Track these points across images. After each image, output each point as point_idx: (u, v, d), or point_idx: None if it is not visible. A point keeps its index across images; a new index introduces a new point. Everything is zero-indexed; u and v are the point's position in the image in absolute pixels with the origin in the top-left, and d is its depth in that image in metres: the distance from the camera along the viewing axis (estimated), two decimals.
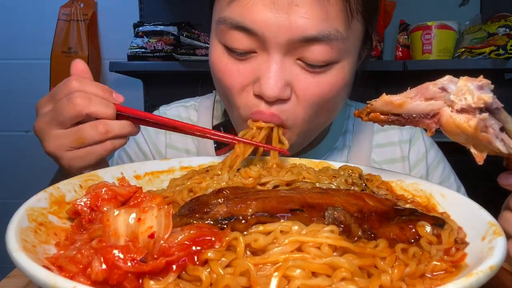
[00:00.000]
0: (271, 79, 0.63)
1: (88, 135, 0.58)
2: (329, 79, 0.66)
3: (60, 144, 0.59)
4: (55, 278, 0.31)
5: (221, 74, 0.68)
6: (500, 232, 0.40)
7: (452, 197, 0.53)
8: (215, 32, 0.69)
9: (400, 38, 1.94)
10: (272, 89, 0.62)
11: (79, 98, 0.58)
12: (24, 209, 0.43)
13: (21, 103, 2.26)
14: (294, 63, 0.65)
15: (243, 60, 0.66)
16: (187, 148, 0.93)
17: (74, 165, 0.60)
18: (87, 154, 0.60)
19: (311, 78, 0.65)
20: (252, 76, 0.66)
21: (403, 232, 0.44)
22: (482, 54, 1.74)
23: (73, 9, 2.13)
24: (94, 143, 0.59)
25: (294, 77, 0.65)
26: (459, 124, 0.45)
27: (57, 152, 0.60)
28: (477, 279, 0.32)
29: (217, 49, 0.69)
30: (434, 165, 0.92)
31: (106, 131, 0.59)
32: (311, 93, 0.65)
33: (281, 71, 0.63)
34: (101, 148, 0.60)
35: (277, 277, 0.34)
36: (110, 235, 0.37)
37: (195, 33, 1.89)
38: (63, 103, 0.58)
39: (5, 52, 2.24)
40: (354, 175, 0.60)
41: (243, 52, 0.65)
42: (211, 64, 0.71)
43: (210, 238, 0.38)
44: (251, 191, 0.48)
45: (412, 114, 0.49)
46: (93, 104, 0.58)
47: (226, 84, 0.68)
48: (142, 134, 0.94)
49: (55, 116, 0.59)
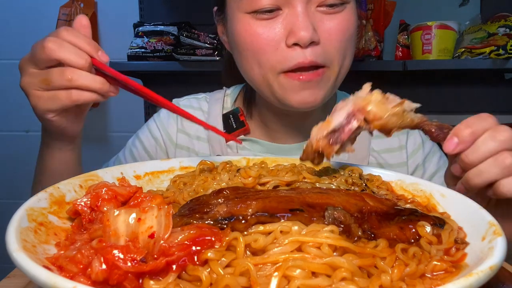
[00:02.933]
0: (301, 24, 0.72)
1: (53, 78, 0.60)
2: (345, 17, 0.77)
3: (30, 82, 0.62)
4: (55, 278, 0.31)
5: (254, 38, 0.76)
6: (500, 232, 0.40)
7: (452, 197, 0.53)
8: (238, 6, 0.77)
9: (400, 38, 1.93)
10: (305, 32, 0.72)
11: (50, 42, 0.60)
12: (24, 209, 0.43)
13: (21, 103, 2.24)
14: (315, 10, 0.75)
15: (270, 19, 0.75)
16: (198, 135, 0.97)
17: (38, 105, 0.63)
18: (51, 97, 0.62)
19: (331, 19, 0.76)
20: (282, 31, 0.75)
21: (403, 232, 0.44)
22: (482, 54, 1.73)
23: (73, 9, 2.13)
24: (59, 88, 0.61)
25: (318, 22, 0.75)
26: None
27: (26, 88, 0.63)
28: (477, 279, 0.32)
29: (244, 20, 0.77)
30: (431, 154, 0.95)
31: (71, 79, 0.60)
32: (334, 31, 0.76)
33: (308, 17, 0.73)
34: (66, 95, 0.61)
35: (277, 277, 0.34)
36: (110, 235, 0.37)
37: (195, 33, 1.89)
38: (38, 45, 0.61)
39: (5, 52, 2.23)
40: (354, 175, 0.60)
41: (270, 10, 0.74)
42: (240, 35, 0.78)
43: (210, 238, 0.38)
44: (251, 191, 0.48)
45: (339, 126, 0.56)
46: (64, 51, 0.60)
47: (260, 45, 0.76)
48: (154, 121, 0.99)
49: (32, 55, 0.63)
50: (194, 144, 0.96)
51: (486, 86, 2.02)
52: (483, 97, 2.05)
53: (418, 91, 2.01)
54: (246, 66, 0.81)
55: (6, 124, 2.28)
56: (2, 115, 2.28)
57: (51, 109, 0.63)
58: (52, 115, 0.64)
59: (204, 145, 0.96)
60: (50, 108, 0.63)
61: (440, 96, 2.04)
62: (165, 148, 0.98)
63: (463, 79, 2.02)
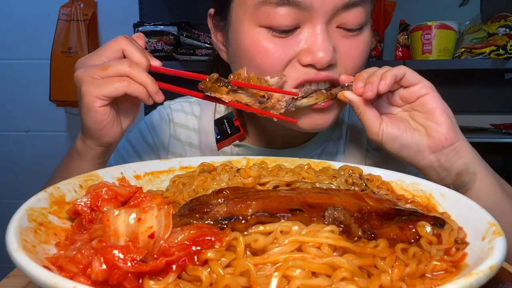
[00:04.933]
0: (321, 45, 0.68)
1: (113, 63, 0.63)
2: (363, 39, 0.74)
3: (87, 70, 0.64)
4: (55, 278, 0.31)
5: (263, 56, 0.70)
6: (500, 232, 0.40)
7: (452, 197, 0.53)
8: (253, 17, 0.70)
9: (400, 38, 1.94)
10: (325, 54, 0.67)
11: (123, 38, 0.66)
12: (24, 209, 0.43)
13: (21, 103, 2.27)
14: (334, 31, 0.71)
15: (285, 38, 0.70)
16: (189, 142, 0.95)
17: (90, 90, 0.63)
18: (105, 82, 0.63)
19: (350, 41, 0.72)
20: (297, 48, 0.70)
21: (403, 232, 0.44)
22: (482, 54, 1.74)
23: (73, 9, 2.13)
24: (116, 75, 0.63)
25: (337, 43, 0.71)
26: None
27: (82, 75, 0.64)
28: (477, 279, 0.32)
29: (255, 33, 0.71)
30: None
31: (129, 66, 0.63)
32: (353, 55, 0.73)
33: (327, 38, 0.69)
34: (119, 80, 0.63)
35: (277, 277, 0.34)
36: (110, 235, 0.37)
37: (195, 33, 1.89)
38: (109, 41, 0.66)
39: (5, 52, 2.24)
40: (355, 175, 0.60)
41: (288, 30, 0.69)
42: (246, 51, 0.73)
43: (210, 238, 0.38)
44: (251, 191, 0.48)
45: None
46: (132, 47, 0.65)
47: (270, 63, 0.70)
48: (146, 125, 0.97)
49: (97, 51, 0.67)
50: (186, 151, 0.94)
51: (486, 86, 2.02)
52: (483, 97, 2.05)
53: None
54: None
55: (6, 124, 2.28)
56: (2, 115, 2.28)
57: (101, 93, 0.63)
58: (100, 104, 0.64)
59: (195, 152, 0.94)
60: (101, 92, 0.63)
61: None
62: (158, 153, 0.96)
63: (463, 79, 2.02)
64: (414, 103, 0.68)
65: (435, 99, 0.67)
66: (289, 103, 0.70)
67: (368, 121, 0.68)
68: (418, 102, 0.67)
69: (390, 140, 0.67)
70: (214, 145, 0.89)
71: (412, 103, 0.68)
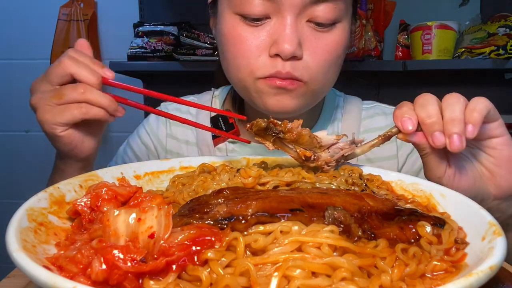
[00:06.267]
0: (287, 37, 0.70)
1: (67, 91, 0.62)
2: (334, 38, 0.74)
3: (42, 97, 0.64)
4: (55, 278, 0.31)
5: (237, 40, 0.74)
6: (500, 232, 0.40)
7: (452, 197, 0.53)
8: (228, 4, 0.75)
9: (400, 38, 1.94)
10: (289, 46, 0.69)
11: (67, 59, 0.63)
12: (24, 209, 0.43)
13: (21, 103, 2.25)
14: (305, 25, 0.72)
15: (257, 26, 0.73)
16: (186, 139, 0.97)
17: (47, 119, 0.63)
18: (61, 110, 0.63)
19: (319, 37, 0.73)
20: (267, 39, 0.73)
21: (403, 232, 0.44)
22: (482, 54, 1.74)
23: (73, 9, 2.13)
24: (70, 101, 0.62)
25: (305, 37, 0.72)
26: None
27: (37, 103, 0.64)
28: (477, 279, 0.32)
29: (231, 20, 0.74)
30: None
31: (83, 92, 0.62)
32: (320, 51, 0.73)
33: (295, 31, 0.71)
34: (77, 108, 0.62)
35: (277, 277, 0.34)
36: (110, 235, 0.37)
37: (195, 33, 1.89)
38: (54, 64, 0.64)
39: (5, 52, 2.24)
40: (354, 175, 0.60)
41: (258, 18, 0.72)
42: (224, 35, 0.76)
43: (210, 238, 0.38)
44: (251, 191, 0.48)
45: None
46: (79, 66, 0.63)
47: (243, 50, 0.74)
48: (144, 127, 1.00)
49: (46, 74, 0.65)
50: (182, 149, 0.96)
51: (486, 86, 2.02)
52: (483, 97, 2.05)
53: (418, 91, 2.01)
54: (227, 67, 0.80)
55: (6, 124, 2.28)
56: (2, 115, 2.28)
57: (60, 121, 0.63)
58: (61, 130, 0.64)
59: (193, 149, 0.95)
60: (59, 120, 0.63)
61: (440, 96, 2.04)
62: (157, 154, 0.98)
63: (463, 79, 2.02)
64: (482, 142, 0.60)
65: (509, 144, 0.59)
66: (339, 160, 0.63)
67: (433, 164, 0.59)
68: (489, 143, 0.60)
69: (454, 188, 0.57)
70: (211, 141, 0.91)
71: (480, 141, 0.60)
